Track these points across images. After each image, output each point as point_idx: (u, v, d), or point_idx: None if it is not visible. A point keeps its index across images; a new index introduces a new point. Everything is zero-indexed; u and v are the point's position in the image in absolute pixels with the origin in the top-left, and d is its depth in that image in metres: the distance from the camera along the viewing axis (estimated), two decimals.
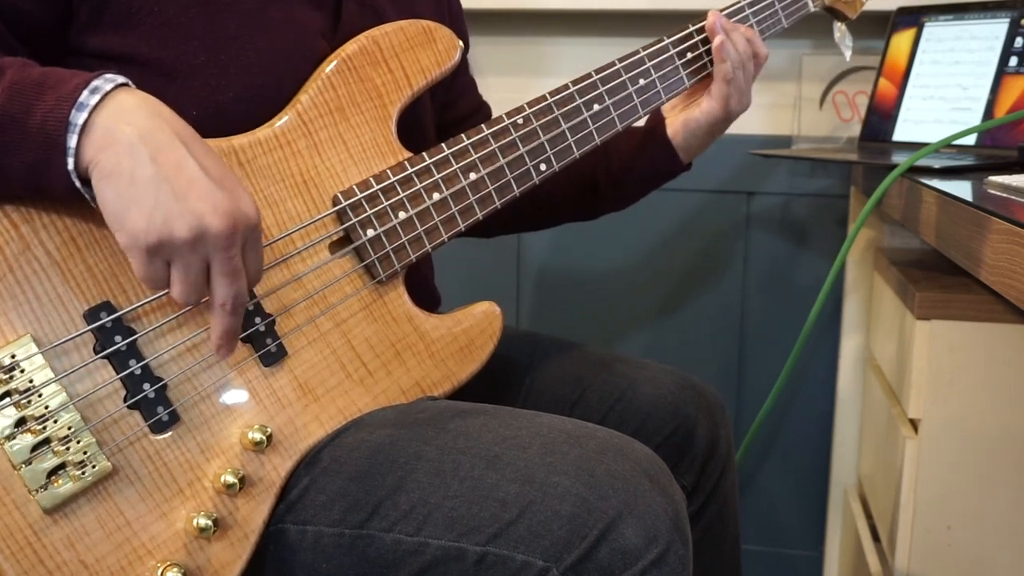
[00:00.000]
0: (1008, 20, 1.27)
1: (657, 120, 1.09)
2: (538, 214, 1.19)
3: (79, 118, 0.67)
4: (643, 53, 1.02)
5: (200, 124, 0.73)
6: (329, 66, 0.87)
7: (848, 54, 1.22)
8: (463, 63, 1.13)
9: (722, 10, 1.07)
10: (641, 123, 1.08)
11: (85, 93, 0.68)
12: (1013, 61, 1.24)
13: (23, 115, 0.67)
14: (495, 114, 1.20)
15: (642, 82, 1.02)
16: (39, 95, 0.68)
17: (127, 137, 0.67)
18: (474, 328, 0.94)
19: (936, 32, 1.37)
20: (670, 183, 1.15)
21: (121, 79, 0.70)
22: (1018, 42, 1.25)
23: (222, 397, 0.79)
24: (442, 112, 1.10)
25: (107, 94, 0.69)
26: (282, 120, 0.84)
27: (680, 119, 1.07)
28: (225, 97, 0.82)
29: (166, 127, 0.69)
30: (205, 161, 0.69)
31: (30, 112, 0.67)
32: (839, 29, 1.22)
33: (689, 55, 1.05)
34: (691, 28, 1.05)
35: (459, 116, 1.14)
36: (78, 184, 0.68)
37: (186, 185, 0.67)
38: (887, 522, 1.28)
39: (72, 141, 0.67)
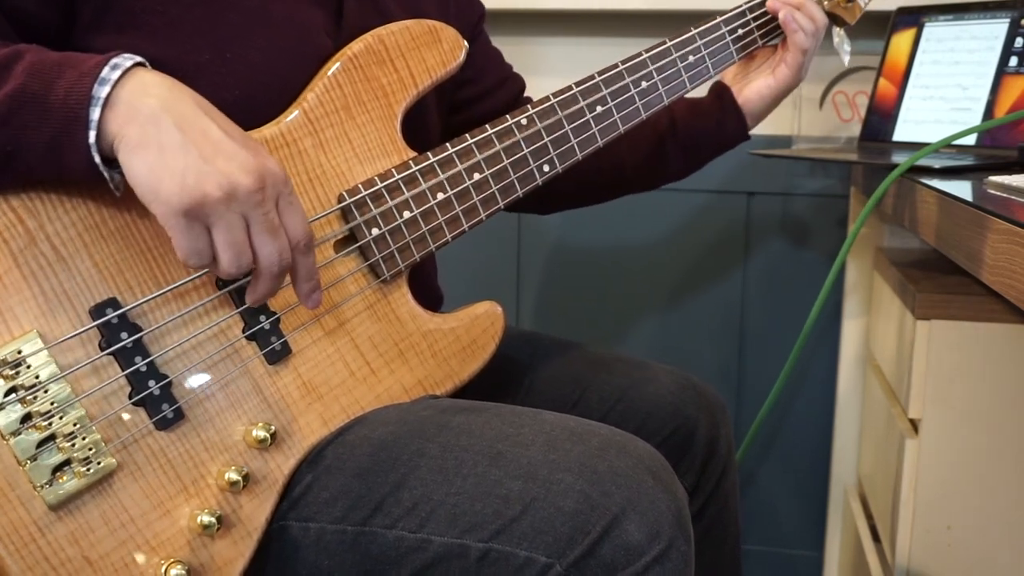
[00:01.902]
0: (1008, 20, 1.27)
1: (722, 88, 1.14)
2: (605, 185, 1.20)
3: (102, 92, 0.68)
4: (646, 56, 1.03)
5: None
6: (335, 65, 0.87)
7: (847, 59, 1.23)
8: (482, 35, 1.15)
9: (723, 13, 1.08)
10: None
11: (106, 69, 0.69)
12: (1013, 61, 1.25)
13: (45, 92, 0.68)
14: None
15: (644, 84, 1.02)
16: (60, 73, 0.69)
17: (150, 108, 0.68)
18: (476, 327, 0.94)
19: (936, 32, 1.38)
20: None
21: (139, 58, 0.72)
22: (1018, 42, 1.25)
23: (227, 395, 0.79)
24: (464, 88, 1.10)
25: (127, 70, 0.70)
26: (288, 118, 0.85)
27: (753, 88, 1.12)
28: (231, 96, 0.82)
29: (187, 97, 0.71)
30: (227, 127, 0.71)
31: (52, 88, 0.68)
32: (838, 34, 1.22)
33: (740, 32, 1.09)
34: (740, 9, 1.10)
35: (484, 89, 1.13)
36: (98, 159, 0.69)
37: (212, 148, 0.69)
38: (887, 522, 1.28)
39: (95, 114, 0.68)
